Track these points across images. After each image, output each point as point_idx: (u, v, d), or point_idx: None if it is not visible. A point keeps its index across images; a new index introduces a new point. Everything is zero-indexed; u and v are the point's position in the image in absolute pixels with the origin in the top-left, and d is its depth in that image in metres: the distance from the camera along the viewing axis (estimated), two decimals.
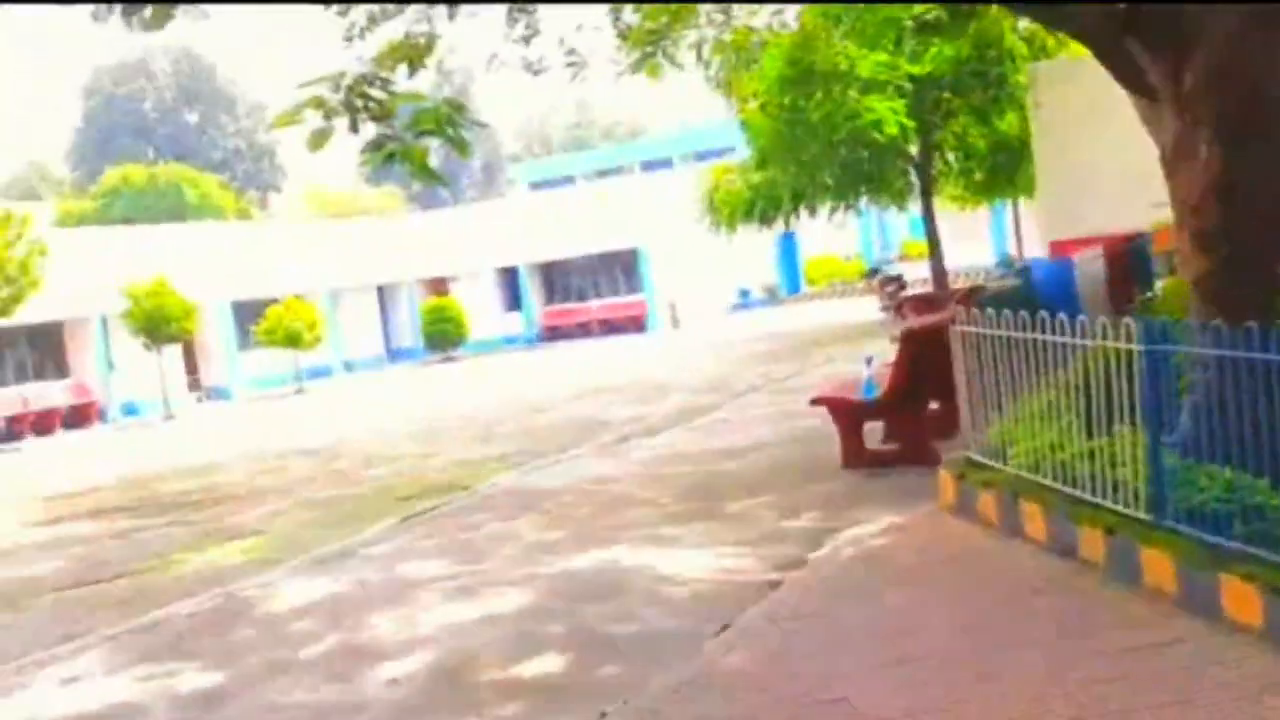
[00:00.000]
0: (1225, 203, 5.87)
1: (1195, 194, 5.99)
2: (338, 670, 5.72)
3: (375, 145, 11.36)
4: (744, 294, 43.20)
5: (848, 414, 9.04)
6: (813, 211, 27.77)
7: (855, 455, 8.99)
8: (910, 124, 23.12)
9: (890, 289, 25.68)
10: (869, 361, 9.03)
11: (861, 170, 25.85)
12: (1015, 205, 33.87)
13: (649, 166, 54.90)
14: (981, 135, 27.13)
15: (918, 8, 20.08)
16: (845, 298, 43.05)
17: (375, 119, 12.04)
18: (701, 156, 54.20)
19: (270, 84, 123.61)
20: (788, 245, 45.73)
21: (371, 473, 13.36)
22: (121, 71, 76.26)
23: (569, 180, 56.54)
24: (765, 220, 27.96)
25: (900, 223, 51.35)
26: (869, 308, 33.14)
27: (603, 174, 55.71)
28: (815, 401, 9.18)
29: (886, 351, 18.75)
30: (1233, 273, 5.88)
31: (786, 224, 27.88)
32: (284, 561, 8.72)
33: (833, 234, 49.78)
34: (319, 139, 12.19)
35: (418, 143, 12.35)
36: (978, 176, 28.78)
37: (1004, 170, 28.40)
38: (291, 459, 16.05)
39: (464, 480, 11.63)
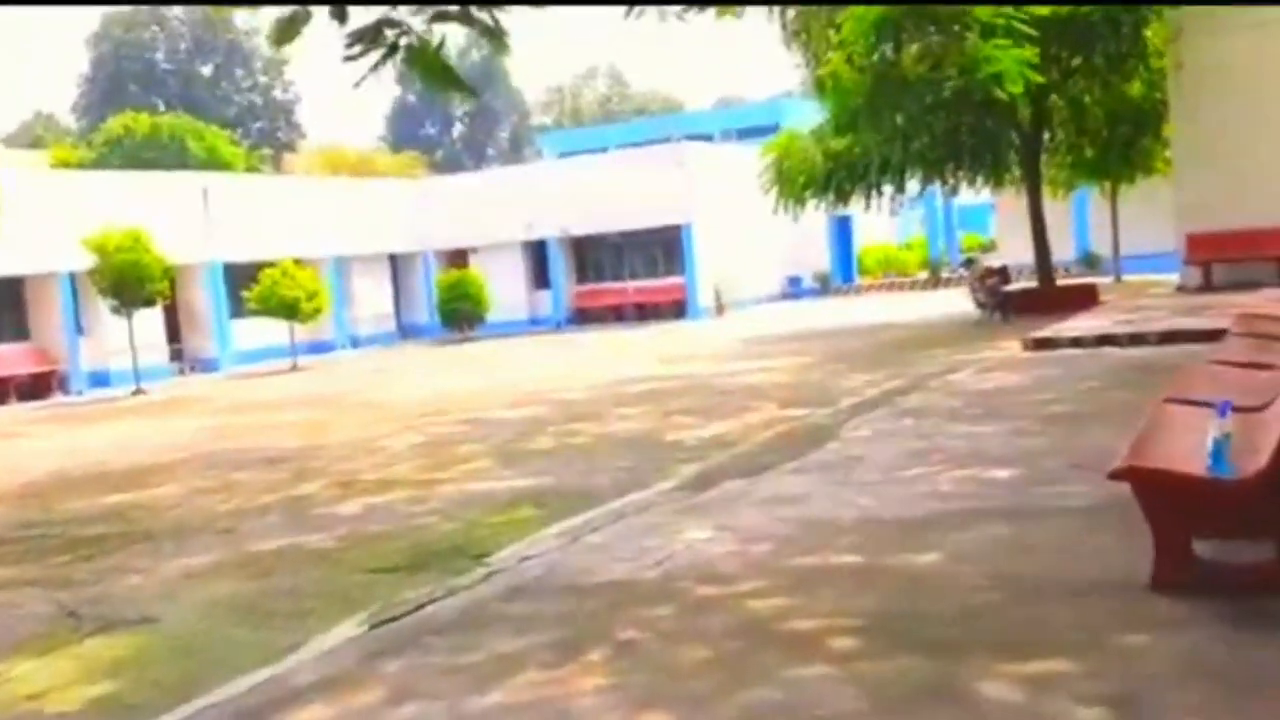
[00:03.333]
0: None
1: None
2: None
3: (370, 34, 7.48)
4: (794, 281, 39.16)
5: (1177, 499, 5.00)
6: (900, 186, 23.70)
7: (1180, 568, 4.98)
8: (1039, 79, 18.97)
9: (992, 282, 21.55)
10: (1224, 410, 4.95)
11: (963, 138, 21.79)
12: (1114, 192, 29.56)
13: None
14: (1098, 102, 23.10)
15: None
16: (905, 290, 39.01)
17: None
18: (744, 134, 50.13)
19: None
20: (841, 230, 41.66)
21: (346, 509, 9.38)
22: (133, 18, 72.25)
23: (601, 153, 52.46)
24: (841, 195, 23.90)
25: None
26: (947, 301, 29.08)
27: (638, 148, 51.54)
28: (1118, 475, 5.09)
29: (1007, 363, 14.73)
30: None
31: (867, 200, 23.76)
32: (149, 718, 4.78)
33: (884, 220, 45.88)
34: (287, 29, 8.24)
35: (430, 33, 8.16)
36: (1088, 153, 24.76)
37: (1119, 146, 24.39)
38: (250, 469, 12.11)
39: (477, 539, 7.68)
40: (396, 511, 9.03)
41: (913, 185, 24.18)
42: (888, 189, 23.50)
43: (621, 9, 11.82)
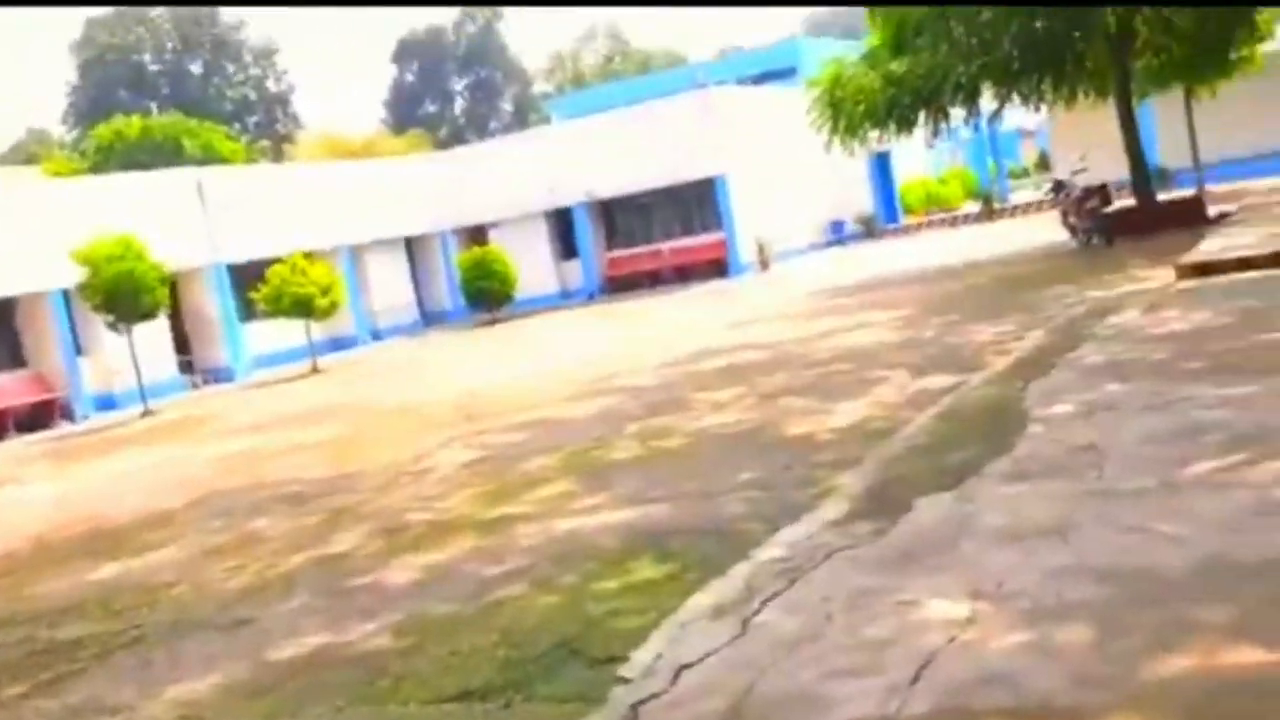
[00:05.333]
0: None
1: None
2: None
3: None
4: (837, 226, 36.55)
5: None
6: (972, 107, 21.08)
7: None
8: None
9: (1092, 205, 18.93)
10: None
11: (1047, 45, 19.11)
12: (1188, 100, 26.72)
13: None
14: None
15: None
16: (958, 226, 36.42)
17: None
18: (758, 80, 47.33)
19: (279, 27, 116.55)
20: (881, 168, 39.00)
21: (396, 575, 6.99)
22: (116, 21, 69.82)
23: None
24: (904, 124, 21.29)
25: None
26: (1016, 233, 26.63)
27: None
28: None
29: (1173, 297, 12.11)
30: None
31: (935, 127, 21.18)
32: None
33: (919, 154, 43.16)
34: None
35: None
36: (1174, 52, 22.00)
37: (1211, 43, 21.65)
38: (271, 514, 9.77)
39: (593, 624, 5.30)
40: (465, 576, 6.65)
41: (985, 105, 21.50)
42: (958, 112, 20.92)
43: None
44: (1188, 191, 25.88)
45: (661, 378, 13.71)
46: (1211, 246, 14.09)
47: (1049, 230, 22.89)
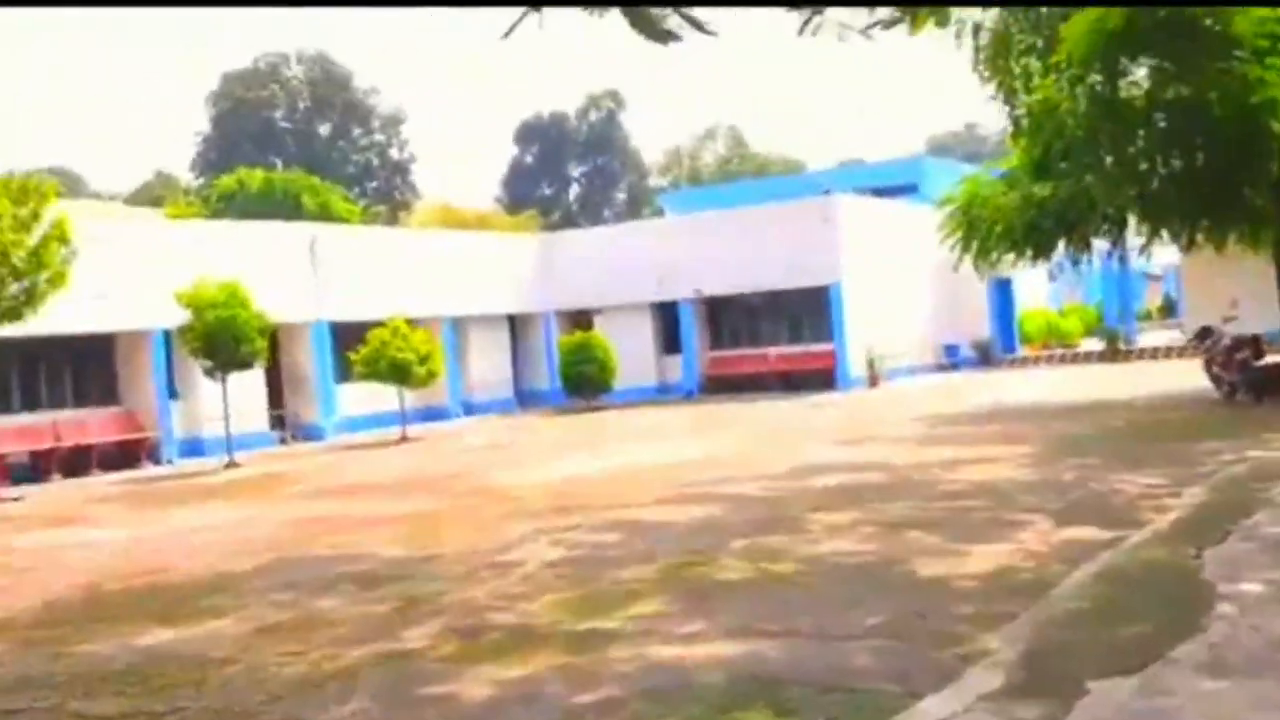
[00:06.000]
0: None
1: None
2: None
3: None
4: (951, 350, 35.34)
5: None
6: (1116, 240, 20.03)
7: None
8: None
9: (1243, 356, 17.65)
10: None
11: (1206, 185, 18.04)
12: None
13: None
14: None
15: None
16: (1079, 363, 34.99)
17: None
18: (877, 194, 46.72)
19: (409, 95, 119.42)
20: (1003, 294, 37.83)
21: (470, 688, 6.10)
22: (253, 77, 72.00)
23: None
24: (1042, 248, 20.33)
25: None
26: (1145, 375, 25.23)
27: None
28: None
29: None
30: None
31: (1077, 253, 20.16)
32: None
33: (1041, 285, 42.05)
34: None
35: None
36: None
37: None
38: (338, 593, 9.00)
39: None
40: (549, 701, 5.78)
41: (1130, 238, 20.46)
42: (1100, 243, 19.90)
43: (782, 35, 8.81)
44: None
45: (768, 489, 12.78)
46: None
47: (1182, 377, 21.65)
